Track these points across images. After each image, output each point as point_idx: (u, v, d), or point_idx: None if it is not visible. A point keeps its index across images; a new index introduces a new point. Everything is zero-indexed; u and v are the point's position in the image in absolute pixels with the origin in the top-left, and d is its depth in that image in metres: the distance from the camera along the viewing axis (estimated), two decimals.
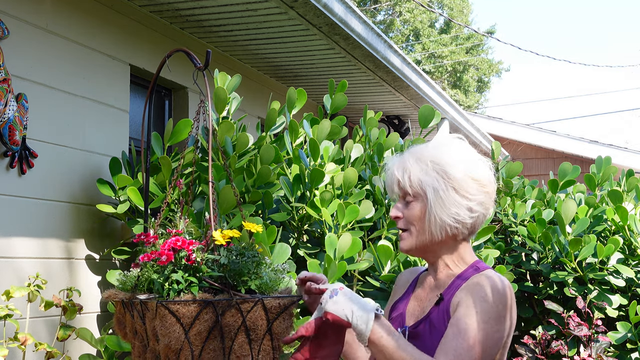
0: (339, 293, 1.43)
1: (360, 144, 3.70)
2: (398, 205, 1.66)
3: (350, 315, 1.41)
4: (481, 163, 1.65)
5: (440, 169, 1.61)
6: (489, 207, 1.65)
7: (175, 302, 1.43)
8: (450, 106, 6.87)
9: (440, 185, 1.59)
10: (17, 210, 3.05)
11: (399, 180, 1.64)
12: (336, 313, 1.41)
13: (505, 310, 1.54)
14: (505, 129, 10.81)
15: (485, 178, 1.64)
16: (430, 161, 1.62)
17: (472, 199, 1.61)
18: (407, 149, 1.70)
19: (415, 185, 1.62)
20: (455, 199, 1.59)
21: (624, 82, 44.77)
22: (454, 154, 1.63)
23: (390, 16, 23.02)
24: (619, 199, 4.12)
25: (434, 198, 1.59)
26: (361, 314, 1.41)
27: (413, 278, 1.77)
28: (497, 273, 1.61)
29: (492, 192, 1.65)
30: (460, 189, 1.60)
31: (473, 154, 1.66)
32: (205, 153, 3.27)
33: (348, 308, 1.41)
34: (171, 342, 1.43)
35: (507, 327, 1.55)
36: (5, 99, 2.88)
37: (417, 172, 1.62)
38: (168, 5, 3.91)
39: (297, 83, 5.57)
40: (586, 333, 3.72)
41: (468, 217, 1.61)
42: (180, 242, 1.48)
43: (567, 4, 68.87)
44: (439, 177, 1.60)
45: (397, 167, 1.66)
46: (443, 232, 1.61)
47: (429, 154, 1.63)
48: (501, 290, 1.54)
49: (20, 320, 2.88)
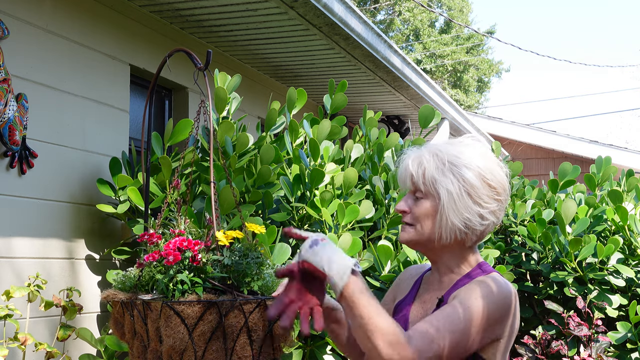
0: (320, 244, 1.38)
1: (360, 144, 3.70)
2: (407, 199, 1.61)
3: (328, 267, 1.36)
4: (499, 169, 1.60)
5: (457, 171, 1.55)
6: (500, 216, 1.60)
7: (180, 303, 1.42)
8: (451, 106, 6.87)
9: (454, 188, 1.54)
10: (17, 210, 3.05)
11: (412, 174, 1.59)
12: (313, 262, 1.36)
13: (505, 314, 1.51)
14: (505, 129, 10.80)
15: (500, 186, 1.58)
16: (448, 161, 1.56)
17: (484, 206, 1.56)
18: (425, 144, 1.64)
19: (429, 183, 1.56)
20: (468, 204, 1.55)
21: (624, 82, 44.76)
22: (473, 157, 1.57)
23: (390, 16, 23.03)
24: (619, 199, 4.12)
25: (447, 200, 1.54)
26: (338, 267, 1.35)
27: (417, 278, 1.73)
28: (502, 278, 1.57)
29: (504, 201, 1.60)
30: (475, 195, 1.55)
31: (491, 159, 1.60)
32: (205, 153, 3.27)
33: (326, 259, 1.36)
34: (175, 343, 1.43)
35: (504, 331, 1.51)
36: (5, 99, 2.88)
37: (433, 170, 1.56)
38: (168, 5, 3.91)
39: (297, 83, 5.57)
40: (586, 333, 3.72)
41: (479, 224, 1.56)
42: (187, 243, 1.48)
43: (567, 4, 68.88)
44: (455, 179, 1.55)
45: (413, 160, 1.60)
46: (452, 235, 1.56)
47: (447, 152, 1.58)
48: (505, 292, 1.51)
49: (20, 320, 2.88)
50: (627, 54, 61.67)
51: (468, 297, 1.49)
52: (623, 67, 26.61)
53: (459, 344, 1.45)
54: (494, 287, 1.52)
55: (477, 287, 1.51)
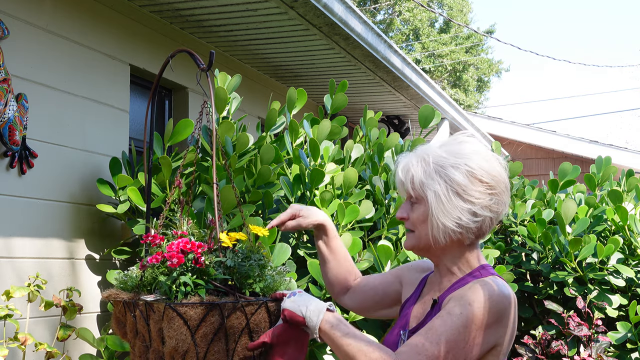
0: (297, 294, 1.52)
1: (361, 144, 3.70)
2: (406, 205, 1.62)
3: (305, 310, 1.49)
4: (490, 163, 1.57)
5: (443, 172, 1.54)
6: (498, 209, 1.57)
7: (183, 305, 1.43)
8: (450, 106, 6.87)
9: (441, 189, 1.53)
10: (17, 210, 3.05)
11: (402, 182, 1.60)
12: (292, 309, 1.49)
13: (495, 320, 1.47)
14: (505, 129, 10.80)
15: (492, 179, 1.55)
16: (434, 163, 1.56)
17: (476, 202, 1.53)
18: (415, 149, 1.64)
19: (418, 188, 1.57)
20: (457, 204, 1.53)
21: (624, 82, 44.77)
22: (459, 154, 1.56)
23: (390, 15, 23.02)
24: (619, 199, 4.12)
25: (435, 202, 1.53)
26: (314, 309, 1.49)
27: (423, 277, 1.74)
28: (499, 282, 1.53)
29: (501, 192, 1.56)
30: (463, 193, 1.53)
31: (481, 153, 1.57)
32: (205, 153, 3.27)
33: (303, 304, 1.50)
34: (178, 344, 1.43)
35: (495, 339, 1.49)
36: (5, 99, 2.88)
37: (420, 175, 1.56)
38: (168, 5, 3.90)
39: (297, 83, 5.57)
40: (586, 333, 3.72)
41: (472, 221, 1.54)
42: (190, 245, 1.48)
43: (567, 4, 68.88)
44: (441, 180, 1.54)
45: (402, 168, 1.61)
46: (447, 237, 1.55)
47: (433, 154, 1.57)
48: (495, 299, 1.47)
49: (20, 320, 2.88)
50: (627, 54, 61.69)
51: (462, 302, 1.47)
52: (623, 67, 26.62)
53: (455, 352, 1.44)
54: (489, 291, 1.48)
55: (470, 292, 1.49)
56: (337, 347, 1.47)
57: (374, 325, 3.06)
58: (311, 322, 1.48)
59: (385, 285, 1.82)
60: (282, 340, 1.50)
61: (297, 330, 1.50)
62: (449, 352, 1.43)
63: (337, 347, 1.47)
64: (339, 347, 1.47)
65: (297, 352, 1.50)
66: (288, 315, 1.49)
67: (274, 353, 1.50)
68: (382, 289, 1.82)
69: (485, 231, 1.59)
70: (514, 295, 1.55)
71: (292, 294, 1.52)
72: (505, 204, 1.59)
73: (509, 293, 1.52)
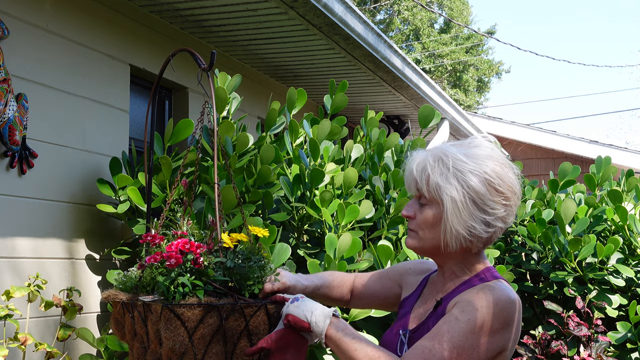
0: (300, 299, 1.51)
1: (361, 144, 3.70)
2: (413, 204, 1.57)
3: (310, 316, 1.47)
4: (508, 172, 1.53)
5: (462, 177, 1.49)
6: (509, 220, 1.54)
7: (181, 306, 1.42)
8: (450, 106, 6.87)
9: (459, 195, 1.48)
10: (17, 210, 3.05)
11: (416, 180, 1.54)
12: (296, 314, 1.48)
13: (502, 326, 1.45)
14: (505, 129, 10.80)
15: (509, 190, 1.52)
16: (452, 166, 1.50)
17: (491, 213, 1.50)
18: (433, 146, 1.58)
19: (433, 190, 1.51)
20: (473, 212, 1.49)
21: (624, 82, 44.79)
22: (479, 161, 1.50)
23: (390, 15, 23.02)
24: (619, 199, 4.12)
25: (452, 208, 1.48)
26: (320, 314, 1.48)
27: (425, 276, 1.72)
28: (505, 286, 1.51)
29: (514, 205, 1.53)
30: (480, 202, 1.49)
31: (500, 161, 1.53)
32: (205, 153, 3.27)
33: (308, 310, 1.48)
34: (175, 346, 1.43)
35: (502, 344, 1.47)
36: (5, 99, 2.88)
37: (437, 177, 1.50)
38: (168, 5, 3.90)
39: (297, 83, 5.57)
40: (586, 333, 3.72)
41: (484, 231, 1.51)
42: (189, 245, 1.47)
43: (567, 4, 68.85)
44: (459, 186, 1.48)
45: (418, 165, 1.54)
46: (458, 243, 1.51)
47: (452, 157, 1.51)
48: (502, 304, 1.46)
49: (21, 320, 2.88)
50: (627, 54, 61.66)
51: (470, 308, 1.45)
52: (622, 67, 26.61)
53: (464, 358, 1.42)
54: (496, 297, 1.47)
55: (477, 296, 1.48)
56: (342, 352, 1.46)
57: (374, 325, 3.06)
58: (317, 328, 1.47)
59: (385, 290, 1.81)
60: (281, 345, 1.49)
61: (296, 335, 1.49)
62: (458, 358, 1.42)
63: (343, 352, 1.46)
64: (345, 352, 1.46)
65: (295, 357, 1.50)
66: (292, 321, 1.47)
67: (272, 359, 1.49)
68: (383, 295, 1.82)
69: (493, 240, 1.57)
70: (519, 299, 1.53)
71: (295, 299, 1.50)
72: (514, 215, 1.57)
73: (514, 298, 1.50)
